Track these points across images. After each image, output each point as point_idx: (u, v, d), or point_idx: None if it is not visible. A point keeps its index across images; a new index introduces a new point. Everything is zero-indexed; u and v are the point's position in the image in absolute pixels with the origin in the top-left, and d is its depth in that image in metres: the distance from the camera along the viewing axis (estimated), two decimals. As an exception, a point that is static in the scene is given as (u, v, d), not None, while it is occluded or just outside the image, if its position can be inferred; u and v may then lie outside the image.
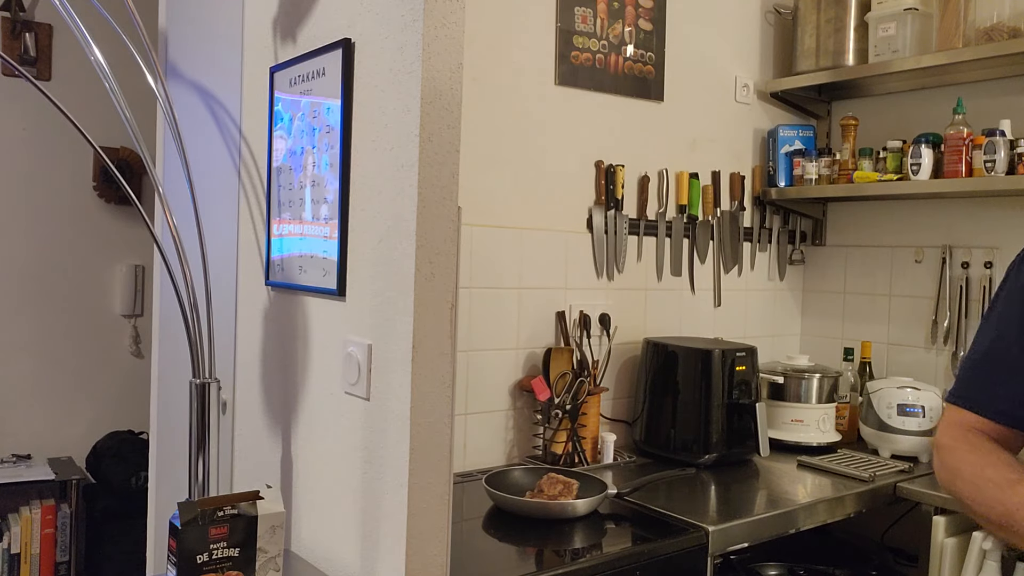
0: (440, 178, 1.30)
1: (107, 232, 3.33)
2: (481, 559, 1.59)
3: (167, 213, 1.49)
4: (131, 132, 1.47)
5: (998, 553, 1.90)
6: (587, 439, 2.17)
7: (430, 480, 1.32)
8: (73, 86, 3.15)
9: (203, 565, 1.25)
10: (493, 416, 2.18)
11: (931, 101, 2.54)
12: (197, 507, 1.24)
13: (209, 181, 1.87)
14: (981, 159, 2.20)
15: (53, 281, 3.21)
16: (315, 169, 1.53)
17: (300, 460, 1.61)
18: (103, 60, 1.45)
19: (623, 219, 2.38)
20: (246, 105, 1.81)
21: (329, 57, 1.47)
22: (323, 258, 1.51)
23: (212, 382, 1.50)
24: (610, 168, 2.34)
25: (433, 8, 1.27)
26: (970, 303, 2.45)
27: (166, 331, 2.15)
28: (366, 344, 1.39)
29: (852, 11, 2.56)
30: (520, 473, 1.94)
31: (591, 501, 1.75)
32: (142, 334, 3.38)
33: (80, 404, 3.27)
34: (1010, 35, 2.17)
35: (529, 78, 2.20)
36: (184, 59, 2.07)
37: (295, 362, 1.62)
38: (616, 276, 2.39)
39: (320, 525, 1.54)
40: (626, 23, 2.38)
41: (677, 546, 1.63)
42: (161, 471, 2.19)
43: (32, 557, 2.90)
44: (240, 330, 1.84)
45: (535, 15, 2.21)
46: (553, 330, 2.27)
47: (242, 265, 1.84)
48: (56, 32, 3.19)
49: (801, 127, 2.75)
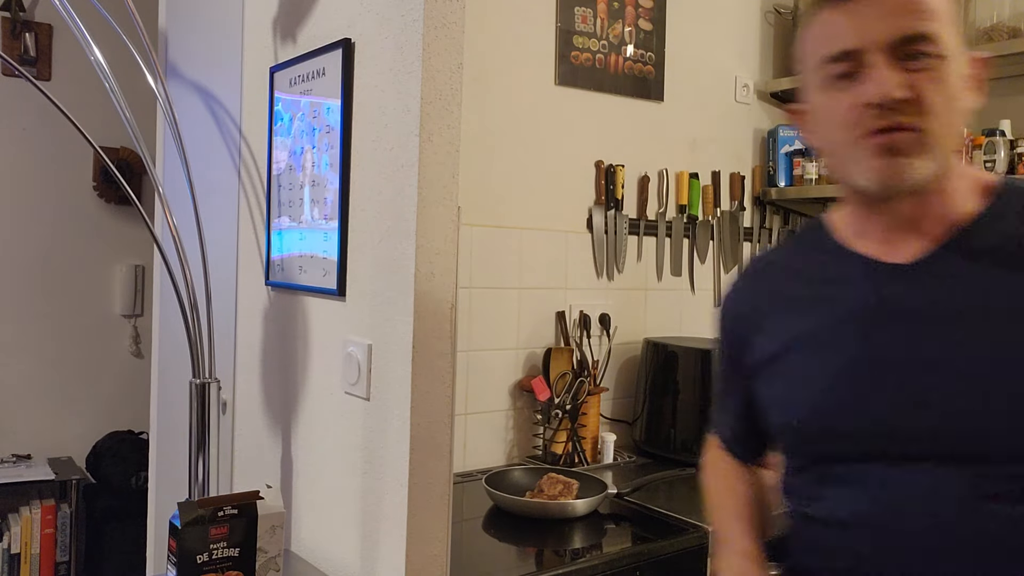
0: (440, 178, 1.30)
1: (107, 232, 3.32)
2: (481, 559, 1.59)
3: (167, 213, 1.49)
4: (131, 132, 1.47)
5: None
6: (587, 439, 2.17)
7: (430, 480, 1.32)
8: (73, 86, 3.15)
9: (203, 565, 1.25)
10: (493, 416, 2.18)
11: (931, 101, 2.54)
12: (197, 507, 1.24)
13: (209, 181, 1.87)
14: (981, 159, 2.20)
15: (53, 281, 3.21)
16: (315, 169, 1.53)
17: (300, 460, 1.61)
18: (103, 60, 1.45)
19: (623, 219, 2.38)
20: (246, 105, 1.81)
21: (329, 57, 1.47)
22: (323, 258, 1.51)
23: (212, 382, 1.50)
24: (610, 168, 2.34)
25: (433, 8, 1.27)
26: (970, 303, 2.45)
27: (166, 331, 2.15)
28: (366, 344, 1.39)
29: (852, 11, 2.56)
30: (520, 473, 1.94)
31: (591, 501, 1.75)
32: (142, 334, 3.38)
33: (80, 404, 3.27)
34: (1010, 35, 2.17)
35: (529, 78, 2.20)
36: (184, 59, 2.07)
37: (295, 362, 1.62)
38: (616, 276, 2.39)
39: (320, 525, 1.54)
40: (626, 23, 2.38)
41: (677, 546, 1.63)
42: (161, 471, 2.19)
43: (32, 557, 2.90)
44: (240, 330, 1.84)
45: (535, 15, 2.20)
46: (553, 330, 2.27)
47: (242, 265, 1.84)
48: (56, 32, 3.19)
49: (801, 127, 2.75)
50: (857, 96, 0.89)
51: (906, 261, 0.93)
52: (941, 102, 0.87)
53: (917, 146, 0.87)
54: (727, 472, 1.20)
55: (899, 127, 0.87)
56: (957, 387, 0.88)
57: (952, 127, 0.90)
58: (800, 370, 1.00)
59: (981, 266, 0.89)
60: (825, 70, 0.92)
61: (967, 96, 0.92)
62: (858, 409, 0.94)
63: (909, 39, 0.87)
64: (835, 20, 0.90)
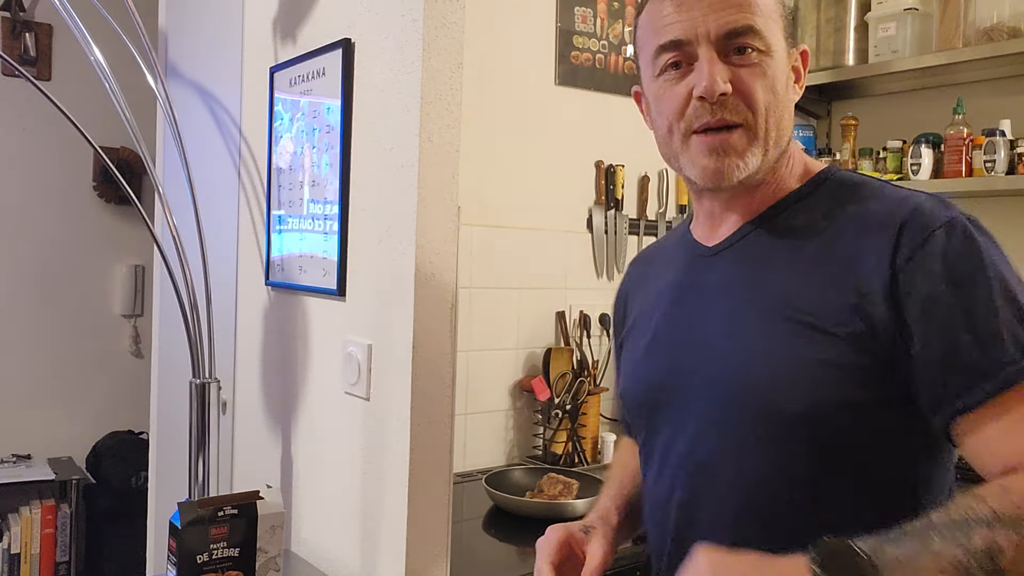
0: (440, 178, 1.30)
1: (107, 232, 3.32)
2: (481, 559, 1.59)
3: (167, 213, 1.49)
4: (131, 132, 1.47)
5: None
6: (587, 439, 2.17)
7: (430, 480, 1.32)
8: (73, 86, 3.14)
9: (203, 565, 1.25)
10: (493, 416, 2.18)
11: (931, 101, 2.54)
12: (197, 507, 1.24)
13: (209, 181, 1.86)
14: (981, 159, 2.19)
15: (53, 281, 3.21)
16: (315, 169, 1.53)
17: (300, 460, 1.61)
18: (103, 60, 1.45)
19: (623, 219, 2.38)
20: (246, 105, 1.81)
21: (329, 57, 1.47)
22: (323, 258, 1.50)
23: (212, 382, 1.50)
24: (610, 168, 2.34)
25: (433, 8, 1.27)
26: (970, 303, 2.45)
27: (166, 331, 2.15)
28: (366, 344, 1.39)
29: (852, 11, 2.56)
30: (520, 473, 1.94)
31: (591, 501, 1.74)
32: (142, 334, 3.38)
33: (80, 404, 3.27)
34: (1010, 35, 2.17)
35: (529, 78, 2.20)
36: (184, 59, 2.07)
37: (295, 362, 1.62)
38: (616, 276, 2.39)
39: (320, 525, 1.54)
40: (626, 23, 2.38)
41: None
42: (161, 471, 2.19)
43: (32, 557, 2.90)
44: (240, 330, 1.84)
45: (535, 15, 2.20)
46: (553, 330, 2.27)
47: (242, 265, 1.84)
48: (56, 32, 3.19)
49: (801, 127, 2.75)
50: (686, 87, 0.91)
51: (719, 242, 0.98)
52: (766, 96, 0.90)
53: (743, 143, 0.90)
54: (622, 446, 1.24)
55: (725, 124, 0.90)
56: (718, 353, 0.92)
57: (778, 120, 0.92)
58: (629, 349, 1.09)
59: (781, 242, 0.93)
60: (657, 58, 0.93)
61: (792, 90, 0.95)
62: (643, 382, 1.02)
63: (734, 32, 0.89)
64: (666, 10, 0.92)
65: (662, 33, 0.92)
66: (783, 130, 0.93)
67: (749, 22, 0.89)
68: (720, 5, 0.89)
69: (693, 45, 0.90)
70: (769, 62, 0.90)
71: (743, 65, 0.90)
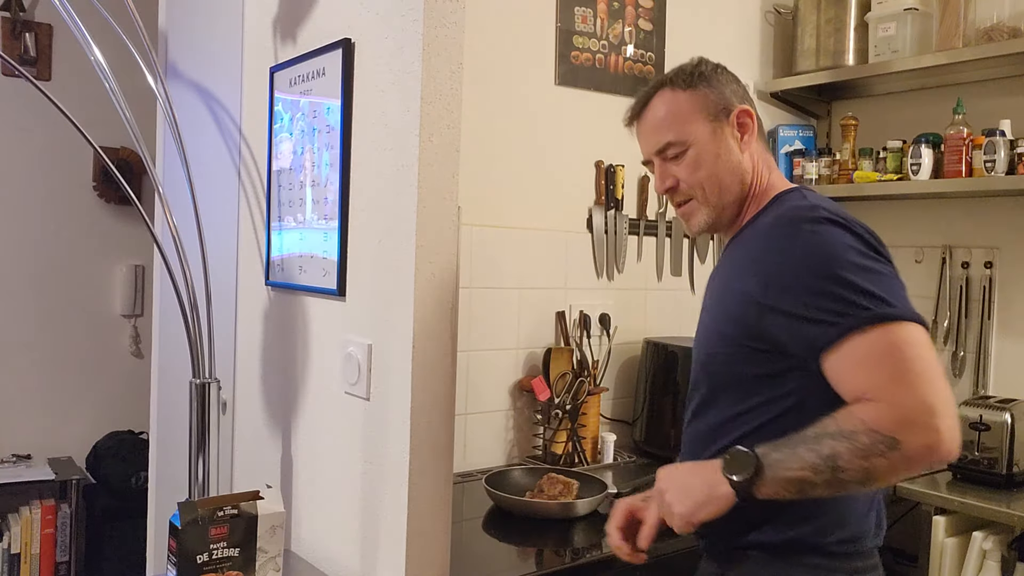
0: (440, 178, 1.30)
1: (107, 232, 3.32)
2: (481, 559, 1.59)
3: (167, 213, 1.49)
4: (131, 132, 1.47)
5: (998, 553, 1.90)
6: (587, 439, 2.17)
7: (430, 480, 1.32)
8: (73, 86, 3.14)
9: (203, 565, 1.25)
10: (493, 416, 2.18)
11: (931, 101, 2.54)
12: (197, 507, 1.24)
13: (209, 181, 1.87)
14: (981, 159, 2.19)
15: (53, 281, 3.21)
16: (315, 169, 1.53)
17: (300, 460, 1.61)
18: (103, 60, 1.45)
19: (623, 219, 2.38)
20: (246, 105, 1.81)
21: (329, 57, 1.47)
22: (323, 258, 1.51)
23: (212, 382, 1.50)
24: (610, 168, 2.34)
25: (433, 8, 1.27)
26: (970, 303, 2.45)
27: (166, 331, 2.15)
28: (366, 344, 1.39)
29: (852, 11, 2.56)
30: (520, 473, 1.94)
31: (591, 501, 1.75)
32: (142, 334, 3.38)
33: (80, 404, 3.27)
34: (1010, 35, 2.17)
35: (529, 78, 2.20)
36: (184, 59, 2.07)
37: (295, 362, 1.62)
38: (616, 276, 2.39)
39: (320, 525, 1.54)
40: (626, 23, 2.38)
41: (676, 546, 1.62)
42: (161, 471, 2.19)
43: (32, 557, 2.90)
44: (240, 330, 1.84)
45: (535, 15, 2.20)
46: (553, 330, 2.27)
47: (242, 265, 1.84)
48: (56, 32, 3.19)
49: (801, 127, 2.75)
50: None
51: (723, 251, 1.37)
52: (698, 175, 1.26)
53: (693, 211, 1.30)
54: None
55: (680, 202, 1.31)
56: (699, 339, 1.31)
57: (719, 183, 1.26)
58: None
59: (736, 252, 1.27)
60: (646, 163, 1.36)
61: (733, 149, 1.27)
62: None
63: (660, 149, 1.29)
64: (636, 136, 1.36)
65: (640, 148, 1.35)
66: (727, 187, 1.27)
67: (665, 139, 1.27)
68: (650, 133, 1.31)
69: (650, 160, 1.33)
70: (693, 152, 1.26)
71: (677, 163, 1.28)
